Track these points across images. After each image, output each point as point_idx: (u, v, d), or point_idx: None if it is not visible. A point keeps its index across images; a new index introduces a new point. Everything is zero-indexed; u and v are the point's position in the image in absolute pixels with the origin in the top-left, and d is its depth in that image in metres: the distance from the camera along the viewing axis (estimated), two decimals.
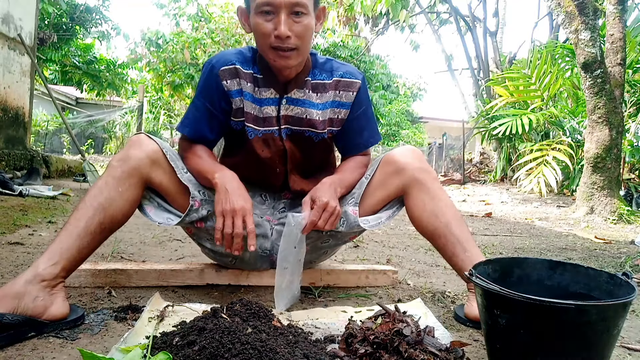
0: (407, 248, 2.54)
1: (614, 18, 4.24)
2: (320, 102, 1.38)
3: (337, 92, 1.39)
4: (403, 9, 9.53)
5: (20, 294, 1.02)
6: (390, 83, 18.51)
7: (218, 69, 1.32)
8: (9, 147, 4.72)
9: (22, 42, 4.73)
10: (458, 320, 1.30)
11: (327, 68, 1.39)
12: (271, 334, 0.96)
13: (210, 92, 1.34)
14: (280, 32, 1.19)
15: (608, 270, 1.03)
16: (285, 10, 1.19)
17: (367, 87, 1.45)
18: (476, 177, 9.71)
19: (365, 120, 1.44)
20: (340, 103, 1.40)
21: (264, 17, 1.21)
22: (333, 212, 1.25)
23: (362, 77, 1.42)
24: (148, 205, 1.29)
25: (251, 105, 1.34)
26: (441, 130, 17.11)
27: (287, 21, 1.20)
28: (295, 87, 1.35)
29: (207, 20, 14.27)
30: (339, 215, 1.28)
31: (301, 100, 1.36)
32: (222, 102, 1.34)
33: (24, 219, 2.54)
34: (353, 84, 1.39)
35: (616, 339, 0.86)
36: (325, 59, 1.41)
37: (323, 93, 1.38)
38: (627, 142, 5.45)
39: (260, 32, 1.23)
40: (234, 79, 1.33)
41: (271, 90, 1.34)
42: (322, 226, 1.24)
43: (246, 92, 1.34)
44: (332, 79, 1.38)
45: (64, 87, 15.90)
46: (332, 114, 1.40)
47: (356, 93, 1.40)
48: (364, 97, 1.42)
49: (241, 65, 1.33)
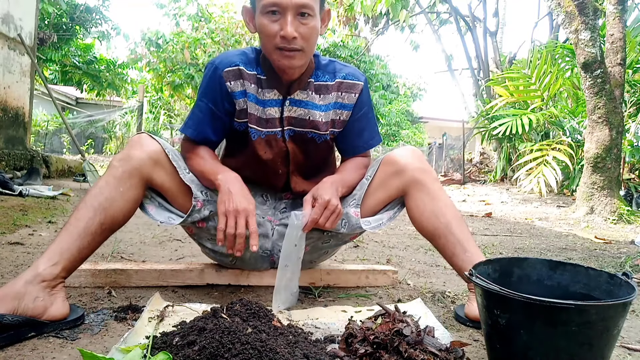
0: (407, 248, 2.54)
1: (614, 18, 4.24)
2: (323, 103, 1.38)
3: (339, 93, 1.39)
4: (403, 9, 9.54)
5: (20, 294, 1.02)
6: (390, 83, 18.52)
7: (222, 70, 1.32)
8: (9, 147, 4.72)
9: (22, 42, 4.73)
10: (458, 320, 1.30)
11: (329, 70, 1.39)
12: (271, 334, 0.96)
13: (214, 94, 1.33)
14: (287, 33, 1.19)
15: (608, 270, 1.03)
16: (292, 12, 1.19)
17: (369, 89, 1.45)
18: (476, 177, 9.71)
19: (366, 121, 1.45)
20: (343, 105, 1.40)
21: (270, 17, 1.21)
22: (334, 210, 1.25)
23: (365, 79, 1.42)
24: (149, 205, 1.29)
25: (255, 106, 1.34)
26: (441, 130, 17.11)
27: (294, 22, 1.20)
28: (298, 89, 1.35)
29: (207, 20, 14.28)
30: (340, 213, 1.27)
31: (304, 101, 1.36)
32: (226, 103, 1.34)
33: (24, 219, 2.54)
34: (355, 85, 1.40)
35: (616, 339, 0.86)
36: (328, 61, 1.41)
37: (326, 94, 1.38)
38: (627, 142, 5.45)
39: (266, 33, 1.23)
40: (237, 80, 1.33)
41: (274, 91, 1.34)
42: (323, 224, 1.24)
43: (250, 94, 1.33)
44: (335, 80, 1.38)
45: (64, 87, 15.90)
46: (335, 115, 1.40)
47: (358, 95, 1.40)
48: (366, 99, 1.43)
49: (245, 66, 1.33)
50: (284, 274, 1.26)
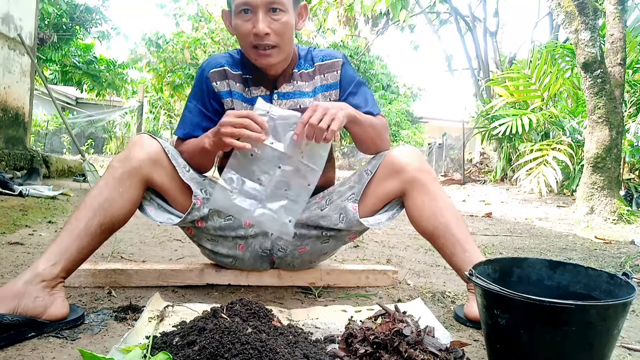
0: (407, 248, 2.54)
1: (614, 18, 4.24)
2: (310, 90, 1.40)
3: (322, 76, 1.41)
4: (403, 9, 9.53)
5: (20, 294, 1.03)
6: (390, 83, 18.53)
7: (208, 71, 1.37)
8: (9, 147, 4.72)
9: (22, 42, 4.73)
10: (458, 320, 1.30)
11: (308, 58, 1.42)
12: (271, 334, 0.96)
13: (202, 94, 1.37)
14: (258, 30, 1.21)
15: (608, 270, 1.03)
16: (262, 9, 1.22)
17: (350, 64, 1.45)
18: (476, 177, 9.70)
19: (362, 93, 1.42)
20: (328, 85, 1.41)
21: (242, 17, 1.24)
22: (334, 116, 1.15)
23: (342, 55, 1.43)
24: (149, 206, 1.29)
25: (241, 104, 1.36)
26: (441, 130, 17.10)
27: (265, 19, 1.22)
28: (284, 82, 1.37)
29: (207, 20, 14.28)
30: (341, 122, 1.17)
31: (291, 92, 1.38)
32: (214, 103, 1.37)
33: (24, 219, 2.54)
34: (334, 63, 1.41)
35: (616, 339, 0.86)
36: (306, 50, 1.44)
37: (310, 81, 1.40)
38: (627, 142, 5.45)
39: (240, 32, 1.26)
40: (223, 81, 1.36)
41: (261, 88, 1.37)
42: (316, 124, 1.12)
43: (235, 92, 1.37)
44: (314, 65, 1.41)
45: (64, 87, 15.90)
46: (323, 98, 1.41)
47: (340, 70, 1.41)
48: (350, 73, 1.43)
49: (230, 67, 1.37)
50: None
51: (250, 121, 1.13)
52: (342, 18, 11.27)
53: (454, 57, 13.31)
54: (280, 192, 1.23)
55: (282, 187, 1.23)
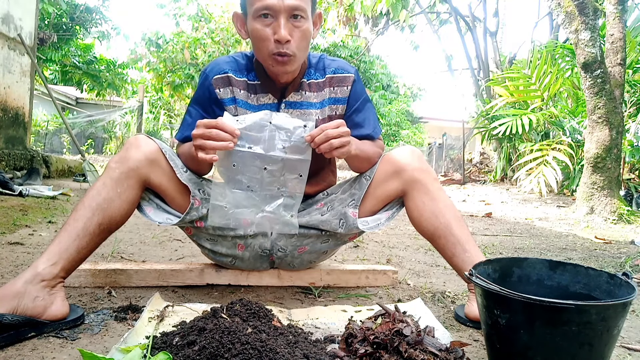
0: (407, 248, 2.54)
1: (614, 18, 4.24)
2: (317, 100, 1.38)
3: (332, 88, 1.39)
4: (403, 9, 9.53)
5: (20, 294, 1.03)
6: (390, 83, 18.52)
7: (211, 78, 1.33)
8: (9, 147, 4.72)
9: (22, 42, 4.73)
10: (458, 320, 1.31)
11: (320, 67, 1.39)
12: (271, 334, 0.96)
13: (203, 101, 1.35)
14: (281, 36, 1.18)
15: (608, 270, 1.03)
16: (284, 14, 1.18)
17: (361, 80, 1.44)
18: (476, 177, 9.70)
19: (365, 114, 1.42)
20: (336, 99, 1.39)
21: (262, 21, 1.20)
22: (347, 144, 1.18)
23: (355, 71, 1.42)
24: (147, 206, 1.29)
25: (245, 112, 1.34)
26: (441, 130, 17.10)
27: (287, 25, 1.19)
28: (292, 91, 1.35)
29: (207, 20, 14.29)
30: (346, 154, 1.21)
31: (299, 102, 1.36)
32: (217, 109, 1.35)
33: (24, 219, 2.54)
34: (346, 78, 1.39)
35: (616, 339, 0.86)
36: (318, 57, 1.41)
37: (319, 92, 1.38)
38: (627, 142, 5.44)
39: (259, 37, 1.22)
40: (226, 87, 1.33)
41: (269, 95, 1.35)
42: (332, 135, 1.14)
43: (239, 100, 1.34)
44: (326, 76, 1.38)
45: (64, 87, 15.89)
46: (330, 110, 1.40)
47: (350, 87, 1.39)
48: (360, 90, 1.42)
49: (234, 73, 1.34)
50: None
51: (217, 131, 1.10)
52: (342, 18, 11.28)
53: (454, 57, 13.29)
54: (274, 192, 1.24)
55: (274, 186, 1.23)
